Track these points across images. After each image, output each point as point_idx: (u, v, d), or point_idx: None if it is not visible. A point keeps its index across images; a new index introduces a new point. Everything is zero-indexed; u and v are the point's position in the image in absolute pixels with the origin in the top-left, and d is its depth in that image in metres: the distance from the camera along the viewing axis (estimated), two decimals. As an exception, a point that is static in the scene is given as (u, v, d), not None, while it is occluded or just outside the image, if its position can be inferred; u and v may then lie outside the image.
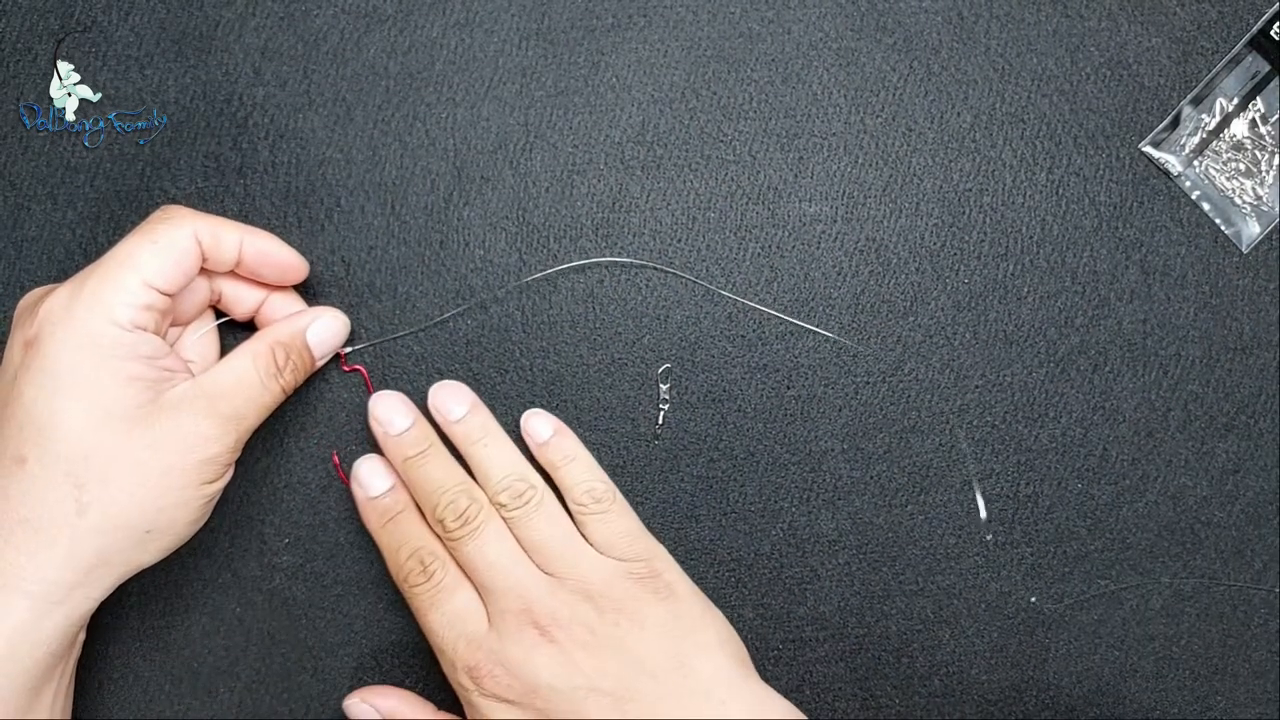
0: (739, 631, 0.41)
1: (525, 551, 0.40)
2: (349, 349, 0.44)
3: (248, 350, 0.39)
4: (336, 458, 0.44)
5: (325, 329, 0.42)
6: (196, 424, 0.37)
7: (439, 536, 0.40)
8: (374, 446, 0.43)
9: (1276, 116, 0.47)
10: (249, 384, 0.38)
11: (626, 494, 0.45)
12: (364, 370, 0.44)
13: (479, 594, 0.39)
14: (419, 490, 0.41)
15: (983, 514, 0.45)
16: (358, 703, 0.42)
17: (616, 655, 0.38)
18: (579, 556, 0.40)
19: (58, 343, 0.35)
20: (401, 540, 0.40)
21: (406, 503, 0.41)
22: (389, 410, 0.42)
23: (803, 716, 0.39)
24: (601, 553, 0.40)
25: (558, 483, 0.42)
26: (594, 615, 0.38)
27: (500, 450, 0.42)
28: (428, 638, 0.40)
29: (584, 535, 0.41)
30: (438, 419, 0.42)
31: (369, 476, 0.41)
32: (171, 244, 0.37)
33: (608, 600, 0.39)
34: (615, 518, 0.41)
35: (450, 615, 0.39)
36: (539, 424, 0.43)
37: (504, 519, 0.40)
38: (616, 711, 0.37)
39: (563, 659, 0.37)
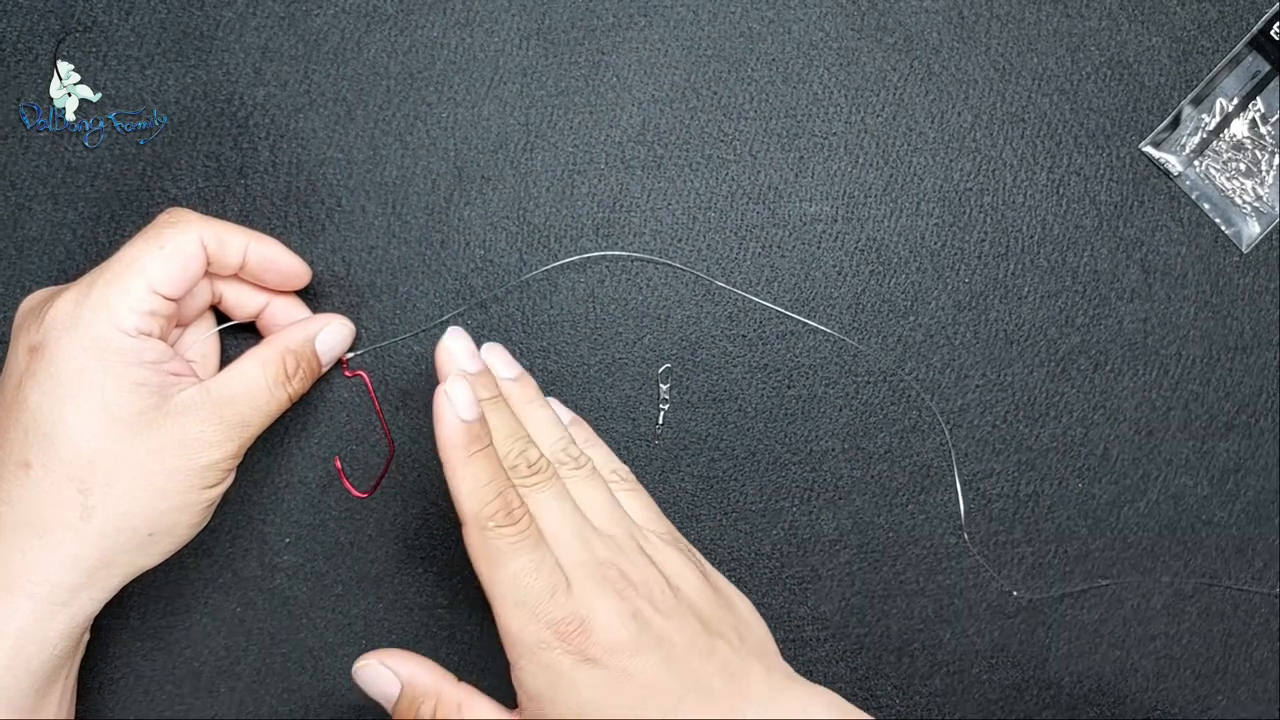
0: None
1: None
2: (351, 354, 0.44)
3: (257, 357, 0.39)
4: (339, 462, 0.44)
5: (333, 335, 0.42)
6: (201, 429, 0.37)
7: None
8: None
9: (1276, 116, 0.47)
10: (257, 391, 0.38)
11: (627, 494, 0.45)
12: (365, 376, 0.44)
13: None
14: (496, 432, 0.38)
15: (962, 512, 0.45)
16: (375, 665, 0.38)
17: (687, 614, 0.37)
18: (630, 523, 0.39)
19: (64, 348, 0.35)
20: (490, 476, 0.36)
21: (492, 440, 0.38)
22: (463, 350, 0.39)
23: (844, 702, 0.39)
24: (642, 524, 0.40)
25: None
26: (658, 578, 0.37)
27: (553, 415, 0.41)
28: (498, 588, 0.36)
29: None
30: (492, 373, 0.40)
31: (462, 400, 0.36)
32: (178, 249, 0.37)
33: (667, 566, 0.38)
34: (644, 497, 0.41)
35: (534, 565, 0.36)
36: (558, 410, 0.43)
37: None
38: (696, 663, 0.36)
39: (643, 619, 0.36)
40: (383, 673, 0.38)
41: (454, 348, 0.39)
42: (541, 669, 0.36)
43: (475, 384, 0.38)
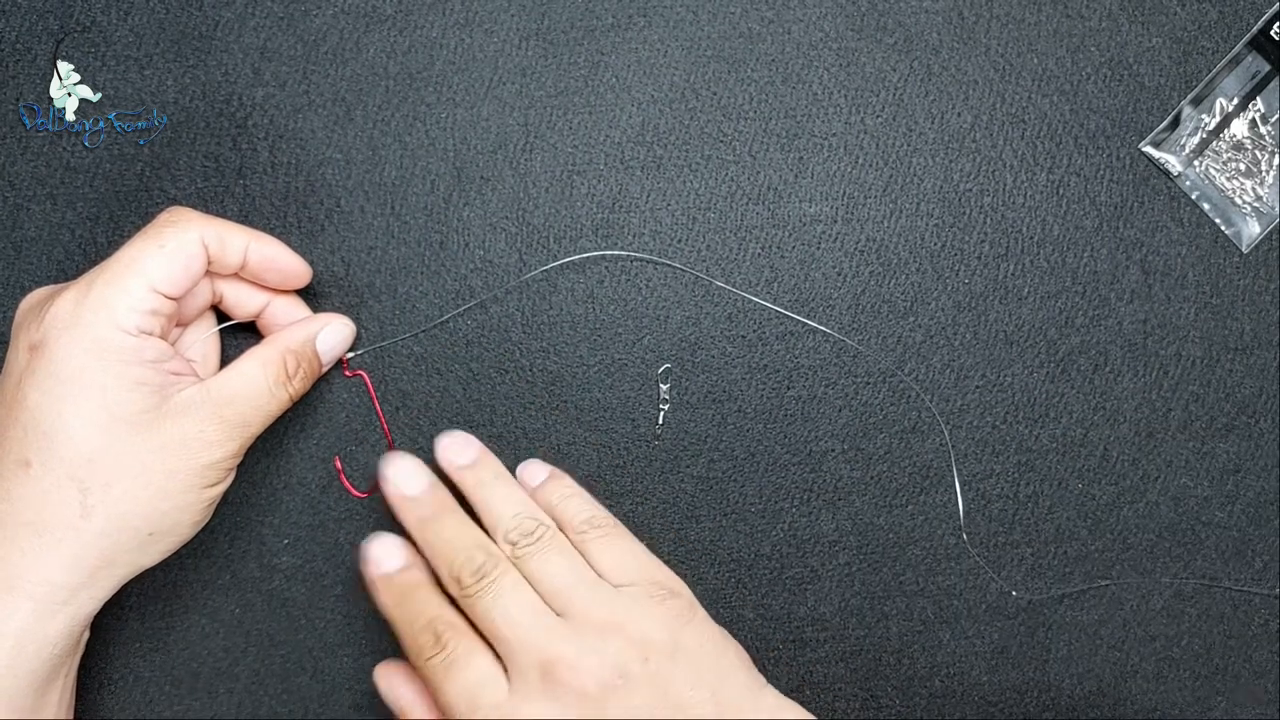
0: (740, 633, 0.41)
1: (541, 596, 0.38)
2: (352, 354, 0.44)
3: (257, 356, 0.39)
4: (339, 462, 0.44)
5: (334, 335, 0.42)
6: (201, 429, 0.37)
7: (453, 601, 0.38)
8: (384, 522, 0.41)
9: (1276, 116, 0.47)
10: (257, 391, 0.38)
11: (626, 494, 0.45)
12: (366, 376, 0.44)
13: (498, 659, 0.37)
14: (434, 551, 0.38)
15: (961, 513, 0.45)
16: (388, 680, 0.40)
17: (647, 694, 0.36)
18: (595, 587, 0.38)
19: (64, 347, 0.35)
20: (416, 614, 0.38)
21: (421, 578, 0.39)
22: (403, 473, 0.40)
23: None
24: (612, 581, 0.38)
25: (558, 521, 0.40)
26: (620, 654, 0.36)
27: (509, 490, 0.40)
28: (444, 711, 0.37)
29: (591, 565, 0.39)
30: (445, 468, 0.41)
31: (383, 554, 0.39)
32: (179, 249, 0.37)
33: (633, 632, 0.37)
34: (619, 539, 0.40)
35: (468, 685, 0.36)
36: (534, 470, 0.42)
37: (516, 561, 0.38)
38: None
39: (593, 709, 0.35)
40: (390, 693, 0.40)
41: (394, 475, 0.40)
42: None
43: (417, 506, 0.39)
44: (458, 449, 0.41)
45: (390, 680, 0.40)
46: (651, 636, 0.37)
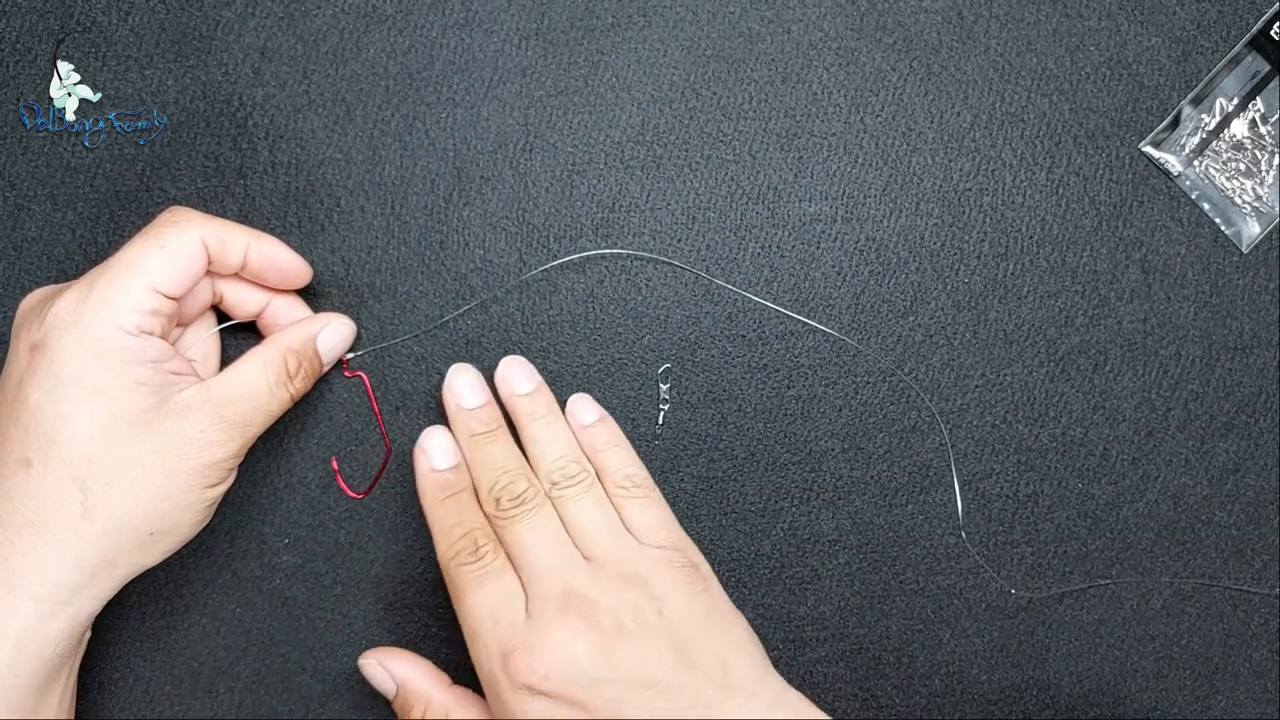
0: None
1: (570, 536, 0.39)
2: (352, 354, 0.44)
3: (258, 356, 0.39)
4: (335, 462, 0.44)
5: (335, 335, 0.42)
6: (202, 429, 0.37)
7: (489, 519, 0.40)
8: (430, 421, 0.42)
9: (1276, 116, 0.47)
10: (258, 390, 0.38)
11: (627, 494, 0.45)
12: (365, 377, 0.44)
13: (522, 584, 0.39)
14: (479, 468, 0.41)
15: (960, 512, 0.45)
16: (374, 665, 0.41)
17: (660, 645, 0.36)
18: (623, 540, 0.39)
19: (65, 348, 0.35)
20: (458, 518, 0.40)
21: (466, 483, 0.41)
22: (465, 385, 0.42)
23: (820, 714, 0.38)
24: (640, 540, 0.40)
25: (598, 467, 0.42)
26: (637, 602, 0.37)
27: (560, 430, 0.42)
28: (462, 622, 0.38)
29: (623, 521, 0.40)
30: (502, 391, 0.43)
31: (437, 450, 0.41)
32: (179, 248, 0.37)
33: (651, 587, 0.38)
34: (655, 505, 0.41)
35: (492, 597, 0.38)
36: (585, 408, 0.43)
37: (553, 499, 0.40)
38: (660, 704, 0.35)
39: (603, 647, 0.36)
40: (380, 672, 0.41)
41: (458, 387, 0.42)
42: (496, 698, 0.37)
43: (471, 420, 0.42)
44: (519, 377, 0.43)
45: (384, 657, 0.41)
46: (670, 595, 0.38)
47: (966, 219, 0.46)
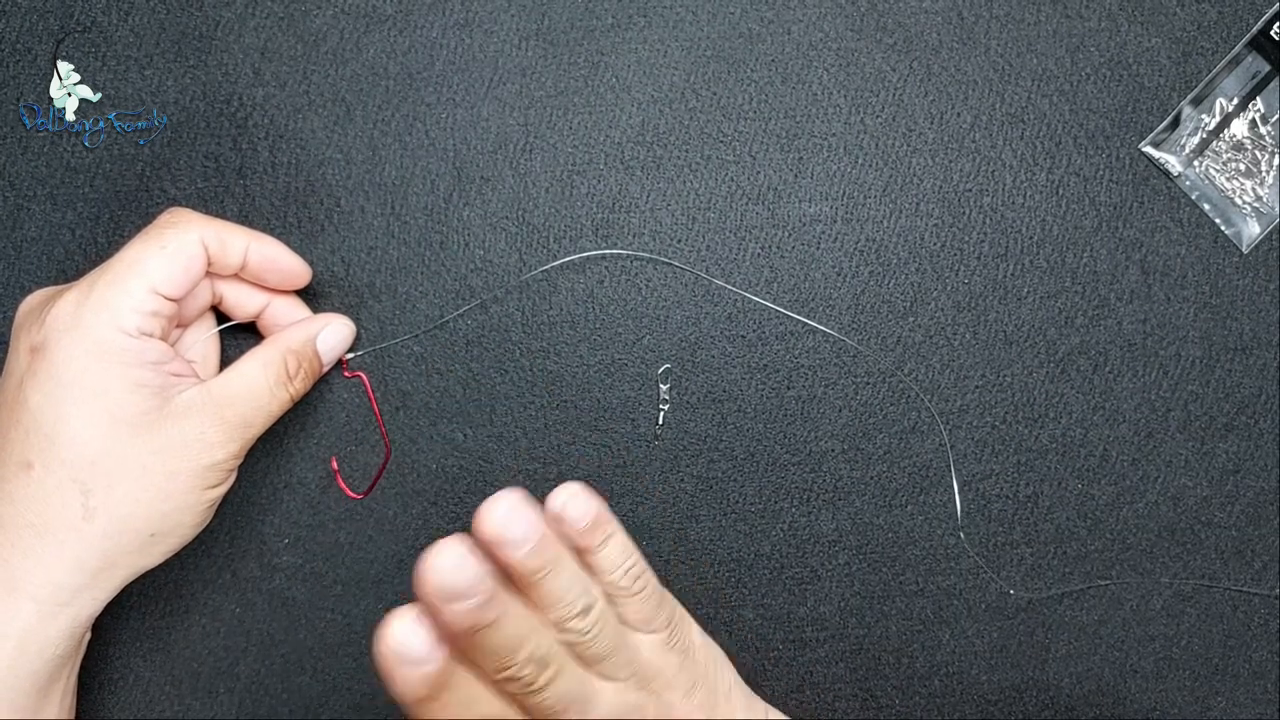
0: (740, 633, 0.41)
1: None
2: (351, 354, 0.44)
3: (258, 357, 0.39)
4: (335, 462, 0.44)
5: (335, 335, 0.42)
6: (202, 430, 0.37)
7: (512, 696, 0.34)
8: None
9: (1276, 116, 0.47)
10: (258, 391, 0.38)
11: (626, 494, 0.45)
12: (365, 377, 0.44)
13: None
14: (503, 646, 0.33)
15: (959, 513, 0.45)
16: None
17: None
18: (636, 649, 0.37)
19: (65, 349, 0.35)
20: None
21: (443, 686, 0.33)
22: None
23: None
24: (637, 629, 0.37)
25: (593, 564, 0.35)
26: (642, 702, 0.36)
27: (568, 579, 0.35)
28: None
29: (621, 615, 0.36)
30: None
31: (414, 642, 0.32)
32: (179, 249, 0.37)
33: (658, 684, 0.37)
34: (651, 589, 0.37)
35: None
36: (582, 505, 0.35)
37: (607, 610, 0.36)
38: None
39: None
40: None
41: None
42: None
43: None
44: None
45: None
46: (673, 684, 0.37)
47: (966, 220, 0.46)
